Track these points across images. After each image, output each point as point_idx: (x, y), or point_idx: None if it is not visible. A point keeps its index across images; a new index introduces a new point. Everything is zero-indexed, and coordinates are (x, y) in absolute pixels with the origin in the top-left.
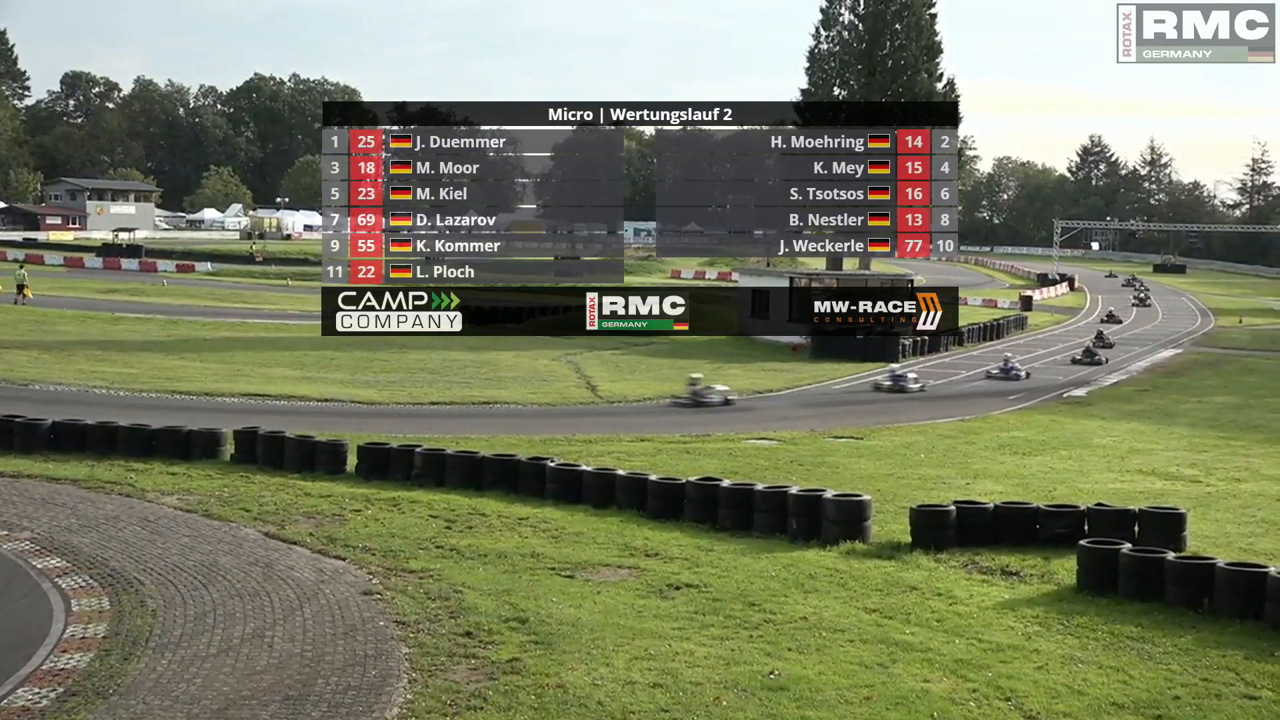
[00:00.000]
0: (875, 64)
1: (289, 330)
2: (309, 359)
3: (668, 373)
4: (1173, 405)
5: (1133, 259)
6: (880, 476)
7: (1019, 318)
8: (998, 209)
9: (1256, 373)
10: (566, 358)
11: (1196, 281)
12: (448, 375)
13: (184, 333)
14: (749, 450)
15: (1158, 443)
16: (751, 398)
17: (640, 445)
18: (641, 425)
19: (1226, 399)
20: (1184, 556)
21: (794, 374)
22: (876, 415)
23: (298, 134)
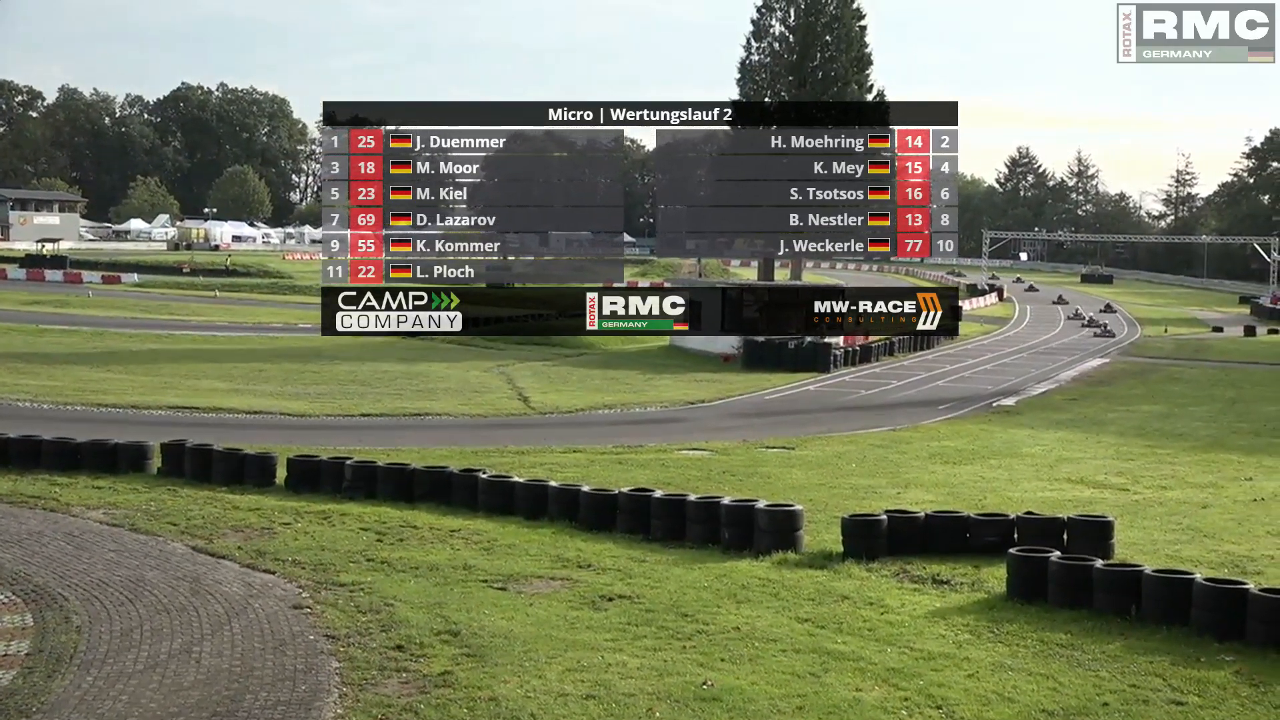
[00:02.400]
0: (806, 75)
1: (217, 342)
2: (238, 371)
3: (599, 383)
4: (1100, 414)
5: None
6: (812, 486)
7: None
8: None
9: (1181, 382)
10: (498, 369)
11: (1123, 291)
12: (379, 387)
13: (110, 345)
14: (681, 461)
15: (1086, 451)
16: (683, 408)
17: (573, 456)
18: (574, 436)
19: (1153, 408)
20: (1112, 564)
21: (725, 384)
22: (808, 425)
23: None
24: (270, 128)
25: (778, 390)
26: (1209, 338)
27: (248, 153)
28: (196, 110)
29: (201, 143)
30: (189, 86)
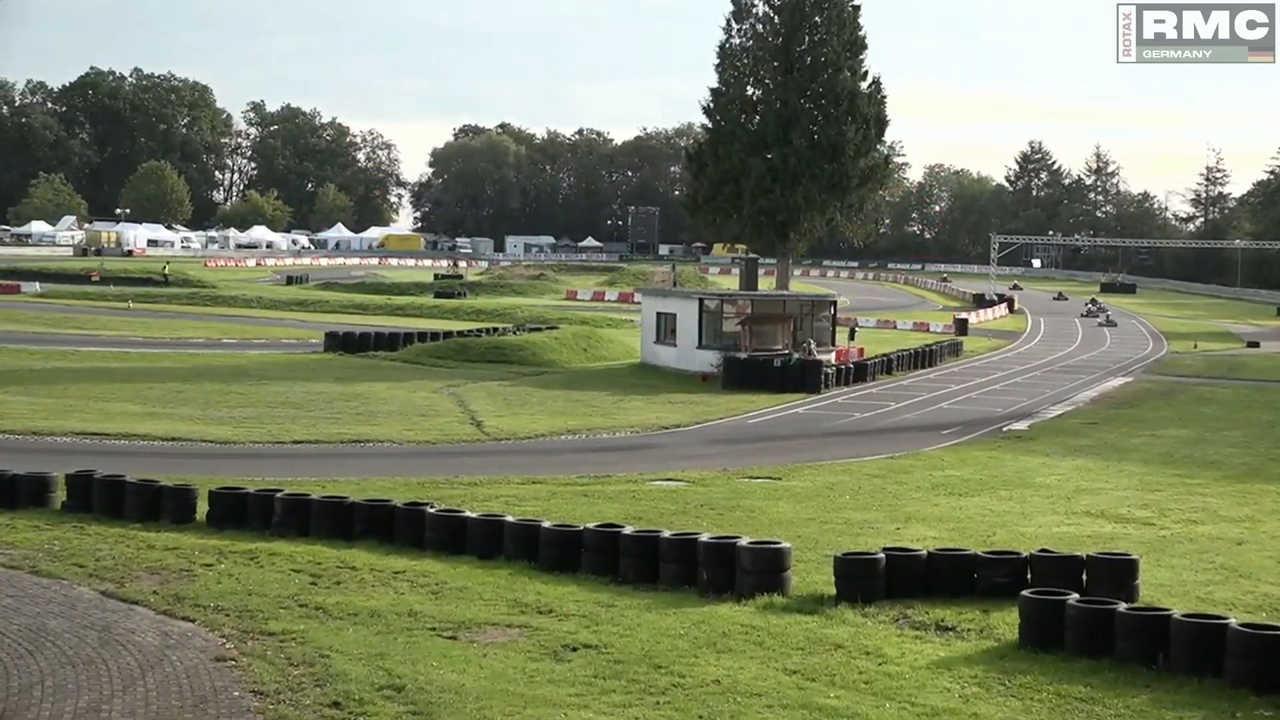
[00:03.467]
0: (793, 60)
1: (131, 359)
2: (153, 393)
3: (562, 406)
4: (1123, 439)
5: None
6: (801, 521)
7: (953, 343)
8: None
9: (1213, 403)
10: (447, 389)
11: (1147, 302)
12: (312, 410)
13: (7, 362)
14: (654, 493)
15: (1107, 481)
16: (656, 434)
17: (532, 488)
18: (533, 466)
19: (1181, 432)
20: (1136, 607)
21: (704, 407)
22: (796, 453)
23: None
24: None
25: (762, 413)
26: (1243, 354)
27: (165, 147)
28: (107, 99)
29: (113, 135)
30: (99, 72)
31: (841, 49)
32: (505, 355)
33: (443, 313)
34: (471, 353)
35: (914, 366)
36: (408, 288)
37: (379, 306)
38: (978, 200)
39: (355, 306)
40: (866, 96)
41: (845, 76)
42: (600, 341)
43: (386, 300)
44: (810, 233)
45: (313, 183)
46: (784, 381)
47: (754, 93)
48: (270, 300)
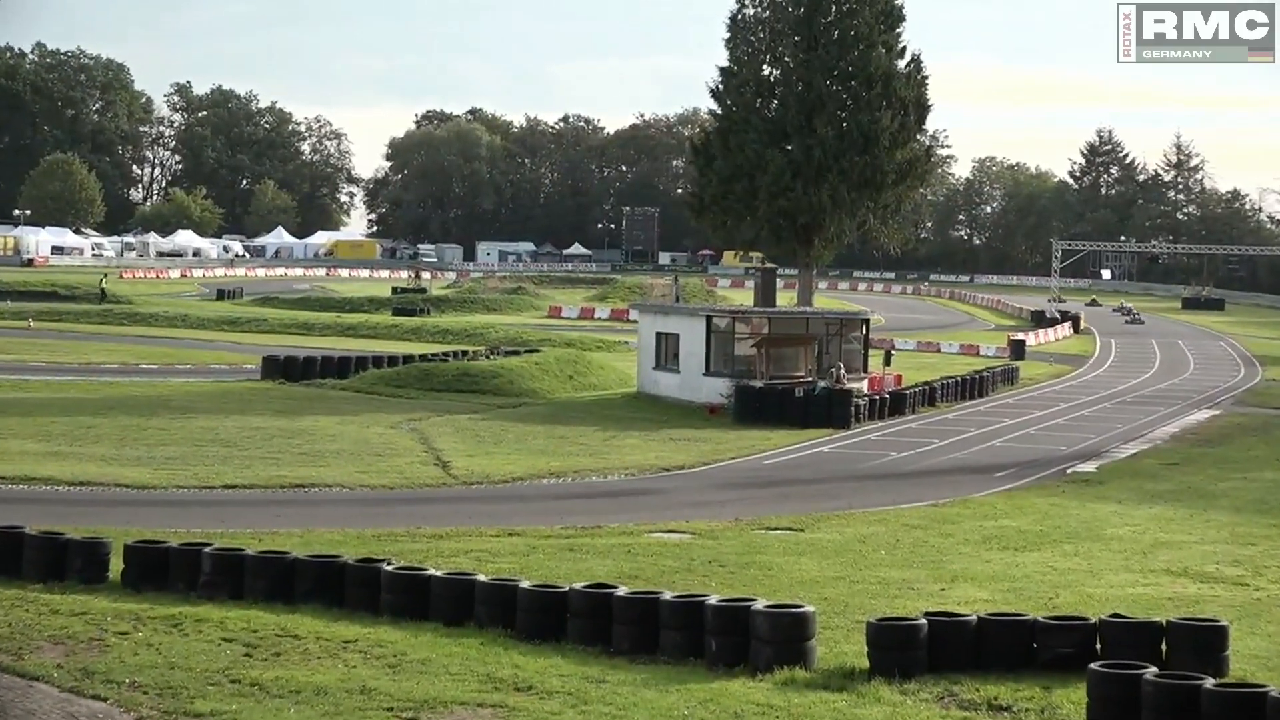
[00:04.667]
0: (817, 34)
1: (31, 389)
2: (57, 428)
3: (544, 443)
4: (1209, 483)
5: (1154, 290)
6: (827, 580)
7: (1008, 369)
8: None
9: None
10: (408, 424)
11: (1237, 321)
12: (248, 448)
13: None
14: (653, 547)
15: (1190, 533)
16: (656, 476)
17: (508, 541)
18: (509, 514)
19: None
20: (1226, 684)
21: (712, 445)
22: (822, 499)
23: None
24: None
25: (782, 452)
26: None
27: (73, 136)
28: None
29: (10, 122)
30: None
31: (875, 21)
32: (476, 384)
33: (402, 333)
34: (436, 380)
35: (961, 397)
36: (361, 303)
37: (327, 326)
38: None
39: (298, 326)
40: (904, 77)
41: (879, 53)
42: (589, 367)
43: (335, 318)
44: (838, 238)
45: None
46: (807, 415)
47: (771, 72)
48: (197, 318)
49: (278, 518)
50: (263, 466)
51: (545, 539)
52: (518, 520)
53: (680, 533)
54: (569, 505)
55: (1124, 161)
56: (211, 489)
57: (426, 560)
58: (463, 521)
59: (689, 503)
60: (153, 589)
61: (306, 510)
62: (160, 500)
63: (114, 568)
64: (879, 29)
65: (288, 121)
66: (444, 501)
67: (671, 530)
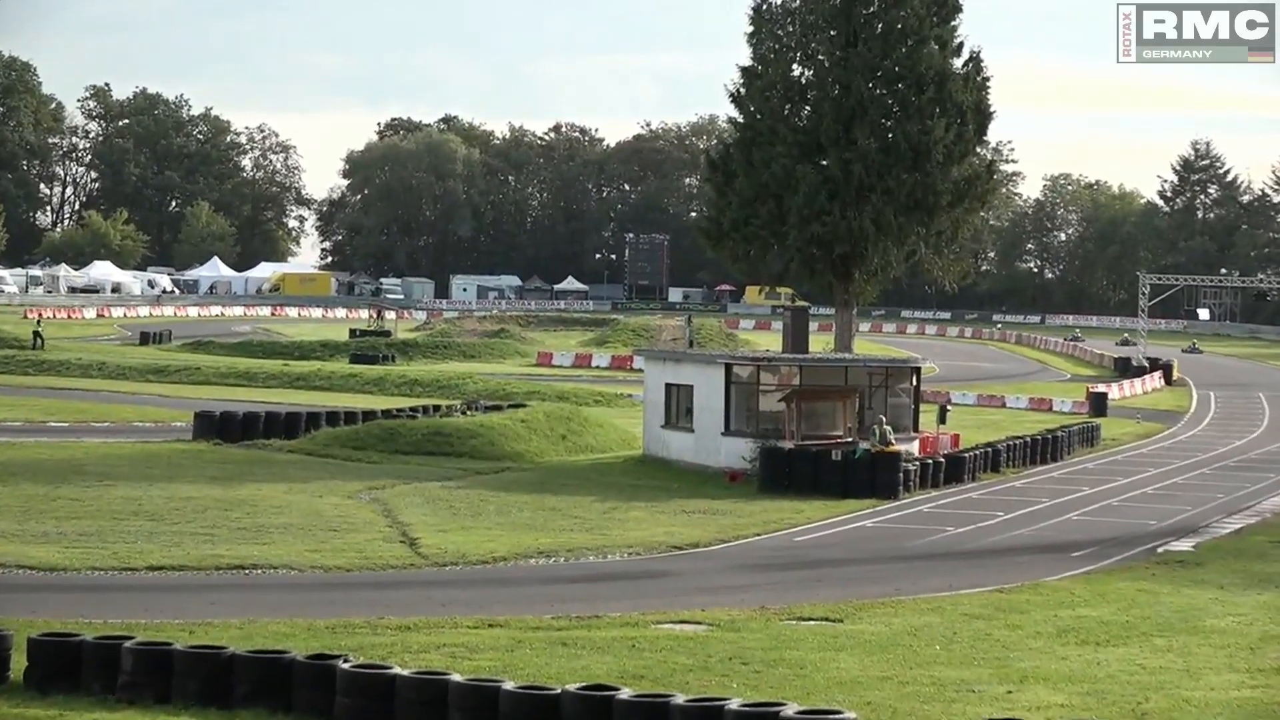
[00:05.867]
0: (857, 27)
1: None
2: None
3: (531, 516)
4: None
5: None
6: (871, 681)
7: (1086, 428)
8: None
9: None
10: (368, 493)
11: None
12: (177, 522)
13: None
14: (662, 641)
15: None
16: (666, 556)
17: (488, 634)
18: (490, 602)
19: None
20: None
21: (733, 518)
22: (864, 583)
23: None
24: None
25: (816, 527)
26: None
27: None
28: None
29: None
30: None
31: (926, 11)
32: (450, 445)
33: (362, 384)
34: (402, 441)
35: (1030, 461)
36: (313, 349)
37: (272, 376)
38: (1120, 225)
39: (238, 376)
40: (961, 79)
41: (931, 50)
42: (586, 425)
43: (282, 367)
44: (883, 271)
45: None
46: (846, 482)
47: (802, 73)
48: (117, 367)
49: (213, 605)
50: (195, 544)
51: (533, 631)
52: (500, 609)
53: (695, 624)
54: (561, 590)
55: (1225, 180)
56: (134, 571)
57: (391, 657)
58: (434, 610)
59: (705, 588)
60: (63, 691)
61: (248, 596)
62: (72, 584)
63: (16, 666)
64: (930, 21)
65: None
66: (411, 586)
67: (684, 621)
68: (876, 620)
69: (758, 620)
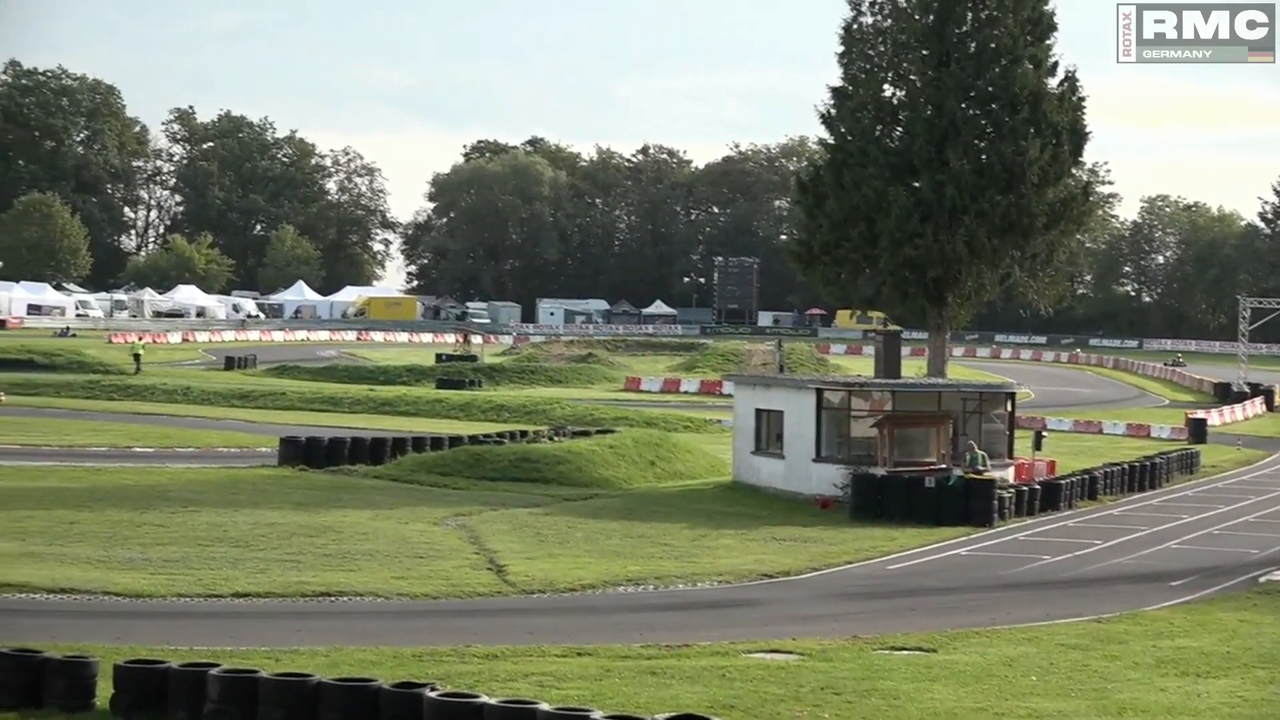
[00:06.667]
0: (950, 47)
1: (2, 476)
2: (35, 524)
3: (619, 543)
4: None
5: None
6: (966, 713)
7: (1185, 455)
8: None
9: None
10: (455, 519)
11: None
12: (262, 548)
13: None
14: (753, 669)
15: None
16: (756, 584)
17: (576, 663)
18: (578, 630)
19: None
20: None
21: (824, 546)
22: (957, 613)
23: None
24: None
25: (909, 555)
26: None
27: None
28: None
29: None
30: None
31: (1020, 30)
32: (538, 471)
33: (449, 409)
34: (489, 467)
35: (1128, 488)
36: (398, 374)
37: (357, 401)
38: (1219, 248)
39: (323, 401)
40: (1056, 99)
41: (1026, 70)
42: (674, 451)
43: (368, 392)
44: (977, 294)
45: (263, 224)
46: (940, 509)
47: (894, 93)
48: (202, 392)
49: (298, 633)
50: (280, 570)
51: (622, 660)
52: (588, 637)
53: (786, 653)
54: (650, 619)
55: None
56: (219, 598)
57: (478, 685)
58: (522, 638)
59: (796, 616)
60: (148, 718)
61: (333, 623)
62: (158, 611)
63: (102, 692)
64: (1024, 40)
65: (310, 154)
66: (499, 614)
67: (775, 650)
68: (971, 650)
69: (850, 650)
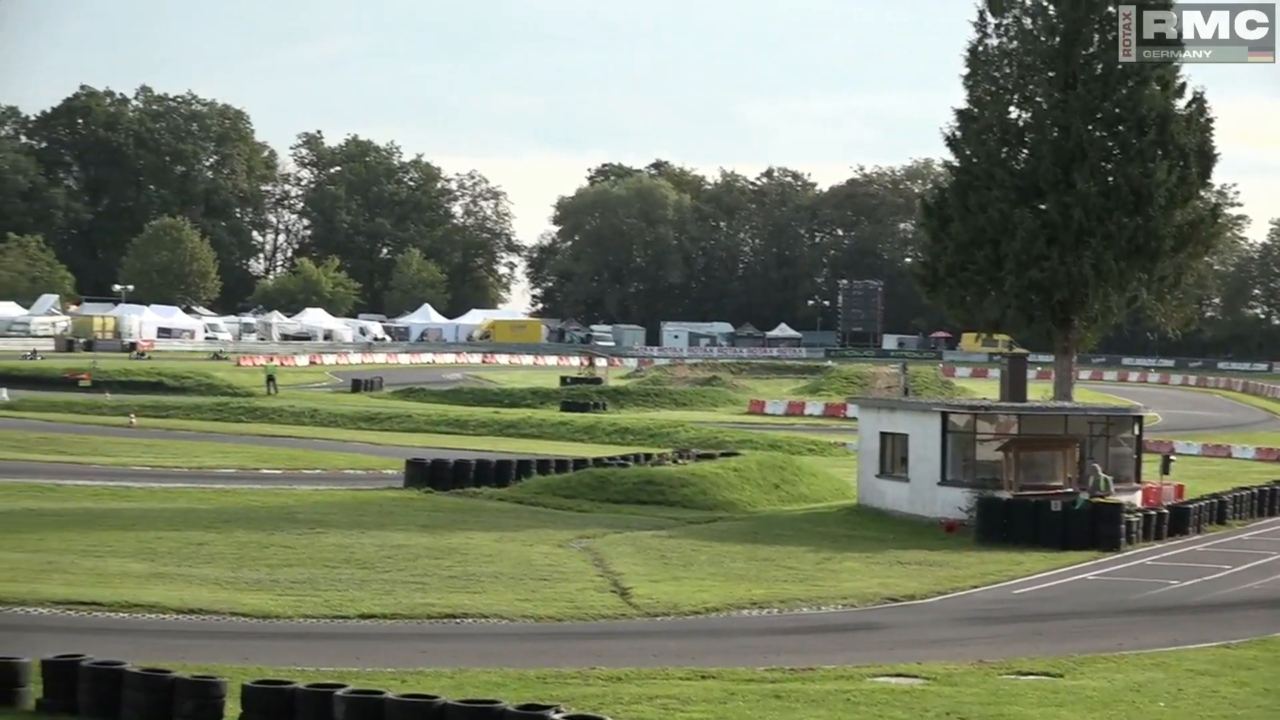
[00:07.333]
0: (1076, 69)
1: (133, 498)
2: (164, 545)
3: (744, 566)
4: None
5: None
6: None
7: None
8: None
9: None
10: (579, 542)
11: None
12: (388, 570)
13: None
14: (878, 694)
15: None
16: (881, 608)
17: (701, 686)
18: (702, 653)
19: None
20: None
21: (949, 570)
22: (1085, 638)
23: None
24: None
25: (1035, 579)
26: None
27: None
28: (102, 129)
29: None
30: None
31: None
32: (662, 494)
33: (573, 432)
34: (613, 490)
35: (1259, 513)
36: (523, 397)
37: (482, 424)
38: None
39: (449, 423)
40: (1184, 120)
41: (1153, 91)
42: (798, 474)
43: (493, 415)
44: (1104, 317)
45: (390, 247)
46: (1066, 533)
47: (1020, 115)
48: (329, 414)
49: (424, 654)
50: (406, 592)
51: (746, 683)
52: (712, 660)
53: (911, 677)
54: (774, 642)
55: None
56: (345, 619)
57: (602, 708)
58: (646, 661)
59: (921, 640)
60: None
61: (458, 645)
62: (285, 632)
63: (230, 712)
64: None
65: (436, 178)
66: (623, 636)
67: (900, 674)
68: (1098, 676)
69: (976, 674)
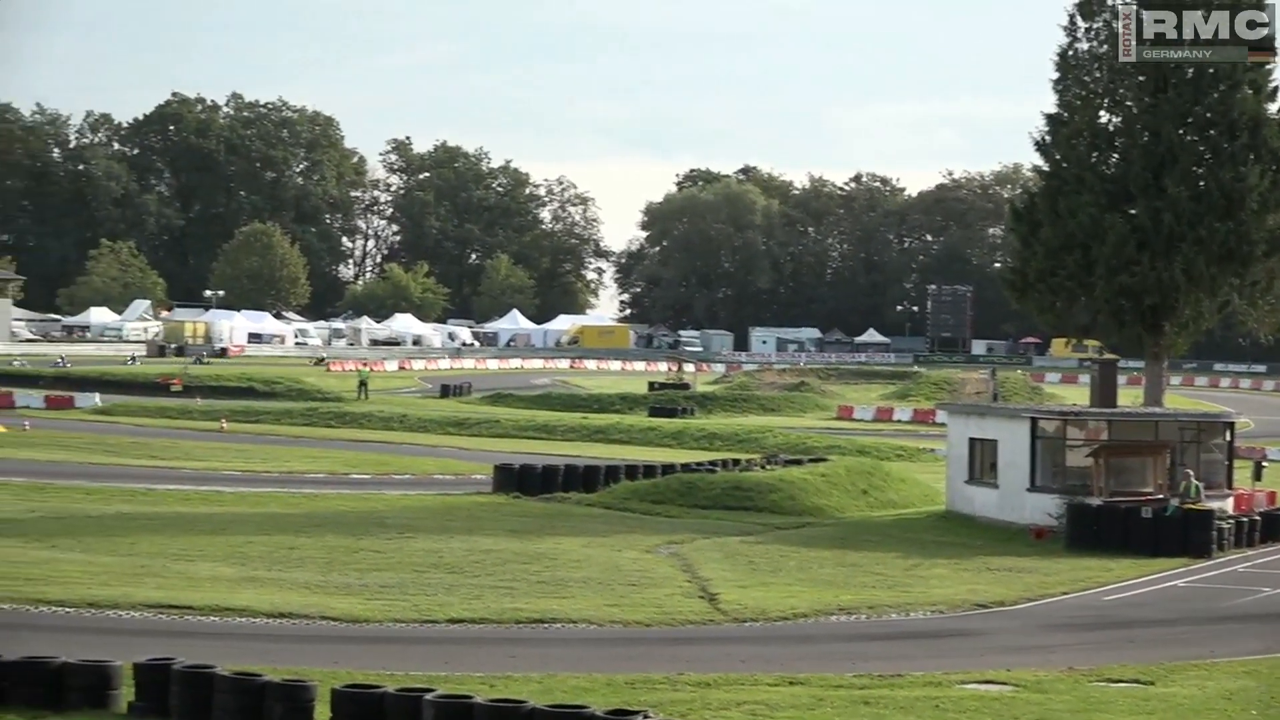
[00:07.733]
0: (1167, 73)
1: (224, 503)
2: (254, 549)
3: (832, 572)
4: None
5: None
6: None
7: None
8: None
9: None
10: (667, 547)
11: None
12: (477, 575)
13: (56, 505)
14: (966, 701)
15: None
16: (970, 614)
17: (789, 692)
18: (790, 659)
19: None
20: None
21: (1038, 576)
22: (1176, 645)
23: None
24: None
25: (1125, 586)
26: None
27: (274, 203)
28: (194, 136)
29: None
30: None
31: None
32: (750, 499)
33: (661, 437)
34: (701, 495)
35: None
36: (611, 402)
37: (571, 429)
38: None
39: (537, 429)
40: (1277, 124)
41: (1245, 95)
42: (887, 480)
43: (581, 420)
44: (1195, 322)
45: (479, 253)
46: (1157, 540)
47: (1110, 120)
48: (418, 419)
49: (512, 659)
50: (495, 597)
51: (834, 689)
52: (800, 666)
53: (1000, 684)
54: (863, 648)
55: None
56: (434, 623)
57: (691, 713)
58: (734, 667)
59: (1010, 647)
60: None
61: (546, 650)
62: (374, 636)
63: (320, 716)
64: (1243, 65)
65: (524, 184)
66: (711, 642)
67: (989, 681)
68: (1189, 683)
69: (1065, 681)
